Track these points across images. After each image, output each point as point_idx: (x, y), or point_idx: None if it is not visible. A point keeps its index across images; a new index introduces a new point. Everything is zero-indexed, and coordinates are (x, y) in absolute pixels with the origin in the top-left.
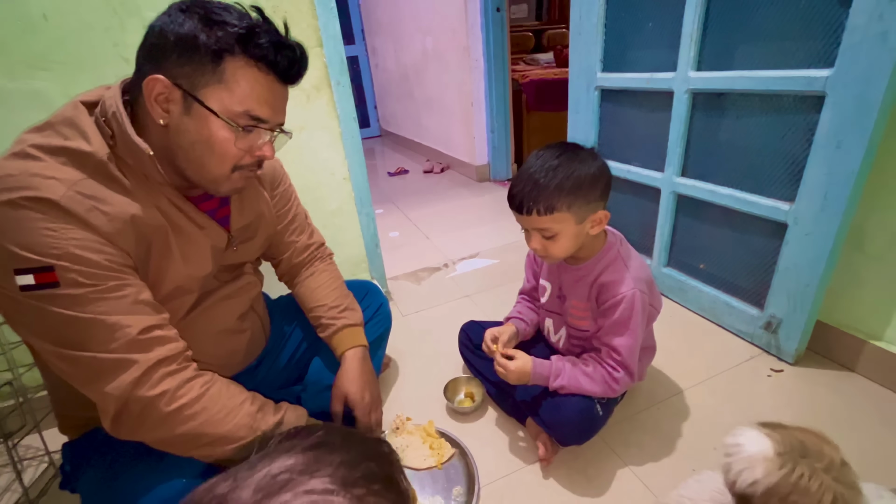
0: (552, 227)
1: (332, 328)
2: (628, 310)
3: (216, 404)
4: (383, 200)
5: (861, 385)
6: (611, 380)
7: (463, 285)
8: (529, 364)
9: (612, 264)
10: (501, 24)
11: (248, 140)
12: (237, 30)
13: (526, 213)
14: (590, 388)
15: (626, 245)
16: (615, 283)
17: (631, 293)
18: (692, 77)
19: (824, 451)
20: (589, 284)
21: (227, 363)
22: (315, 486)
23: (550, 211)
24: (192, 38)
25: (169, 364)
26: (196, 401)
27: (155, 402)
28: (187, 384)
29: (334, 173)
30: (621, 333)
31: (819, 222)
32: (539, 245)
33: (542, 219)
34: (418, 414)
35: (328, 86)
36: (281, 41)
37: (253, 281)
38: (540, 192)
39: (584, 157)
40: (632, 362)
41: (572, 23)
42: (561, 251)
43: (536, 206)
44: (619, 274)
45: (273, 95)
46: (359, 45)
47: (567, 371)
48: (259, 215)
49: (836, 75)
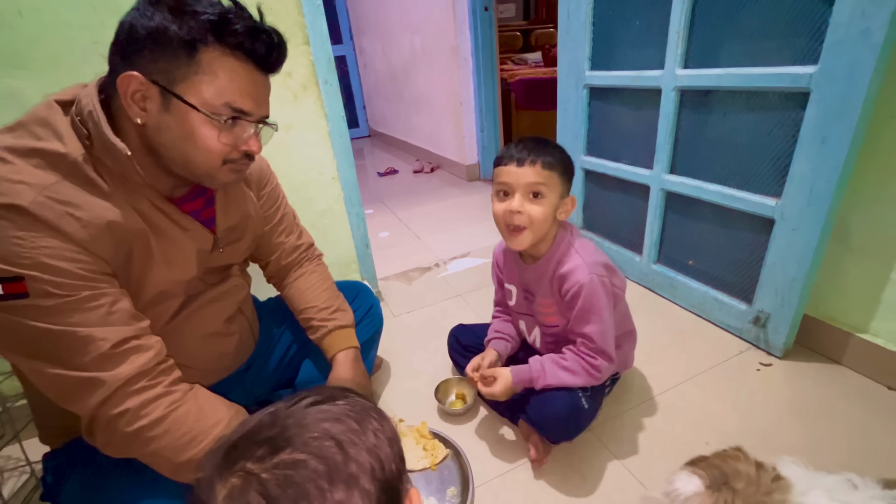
0: (545, 185)
1: (323, 330)
2: (590, 296)
3: (180, 427)
4: (373, 200)
5: (848, 377)
6: (591, 368)
7: (454, 285)
8: (510, 378)
9: (565, 255)
10: (490, 22)
11: (232, 134)
12: (208, 17)
13: (528, 165)
14: (573, 381)
15: (578, 234)
16: (571, 273)
17: (588, 279)
18: (679, 75)
19: (740, 469)
20: (549, 279)
21: (216, 367)
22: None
23: (550, 167)
24: (163, 30)
25: (139, 380)
26: (158, 423)
27: (115, 421)
28: (152, 403)
29: (323, 173)
30: (589, 320)
31: (805, 217)
32: (521, 206)
33: (542, 172)
34: (411, 415)
35: (315, 84)
36: (256, 27)
37: (240, 283)
38: (543, 149)
39: (564, 150)
40: (607, 346)
41: (560, 21)
42: (538, 220)
43: (541, 158)
44: (573, 263)
45: (254, 85)
46: (347, 45)
47: (547, 370)
48: (246, 216)
49: (820, 72)
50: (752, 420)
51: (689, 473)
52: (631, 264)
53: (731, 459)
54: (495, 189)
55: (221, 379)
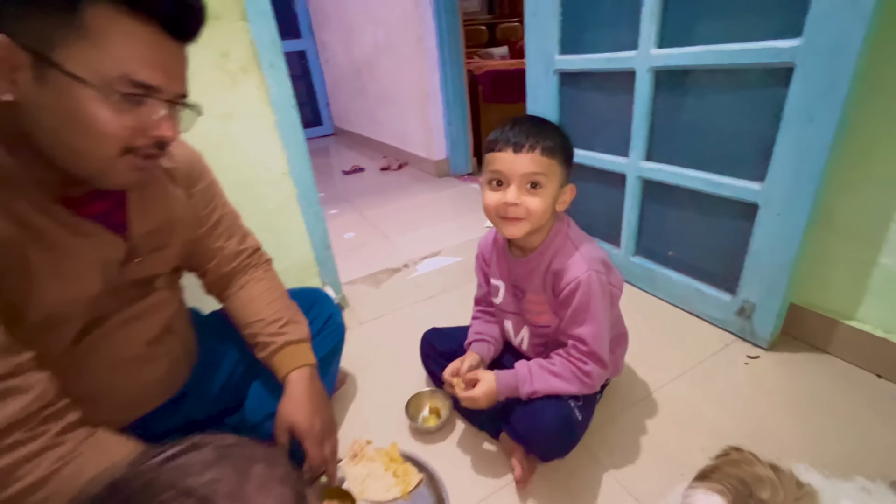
0: (545, 175)
1: (272, 347)
2: (586, 294)
3: (72, 487)
4: (338, 200)
5: (836, 367)
6: (582, 374)
7: (425, 286)
8: (493, 381)
9: (561, 249)
10: (454, 10)
11: (136, 115)
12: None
13: (526, 151)
14: (563, 387)
15: (574, 227)
16: (568, 268)
17: (586, 276)
18: (654, 54)
19: (760, 475)
20: (542, 274)
21: (138, 399)
22: None
23: (550, 154)
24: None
25: (12, 432)
26: (42, 484)
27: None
28: (31, 461)
29: (271, 168)
30: (583, 321)
31: (791, 201)
32: (518, 198)
33: (541, 160)
34: (380, 436)
35: (258, 67)
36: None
37: (167, 297)
38: (542, 132)
39: (564, 132)
40: (601, 350)
41: (527, 5)
42: (537, 213)
43: (540, 144)
44: (570, 258)
45: (161, 55)
46: (307, 39)
47: (535, 374)
48: (170, 219)
49: (805, 45)
50: (744, 418)
51: (705, 491)
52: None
53: (744, 465)
54: (487, 178)
55: (148, 412)
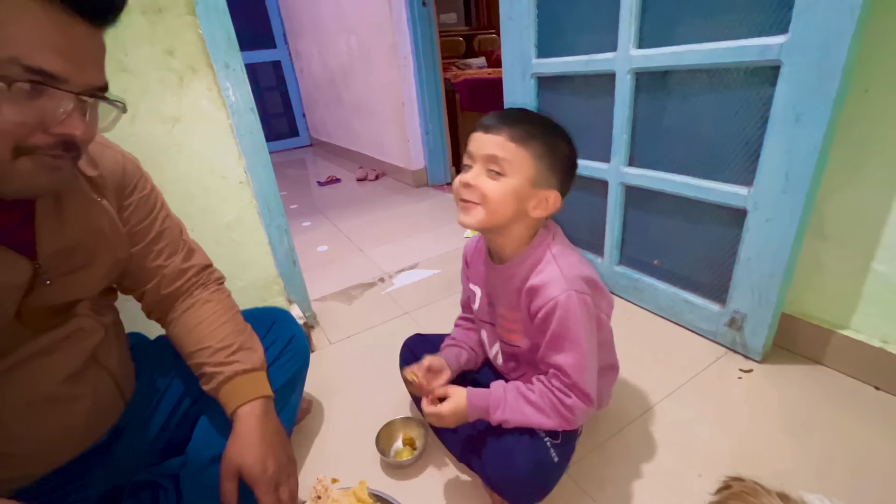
0: (509, 161)
1: (220, 378)
2: (564, 317)
3: None
4: (312, 212)
5: (833, 379)
6: (563, 408)
7: (401, 301)
8: (463, 400)
9: (540, 263)
10: (429, 18)
11: (31, 108)
12: None
13: (493, 133)
14: (539, 421)
15: (560, 238)
16: (544, 286)
17: (564, 296)
18: (634, 55)
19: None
20: (517, 289)
21: (54, 447)
22: None
23: (521, 142)
24: None
25: None
26: None
27: None
28: None
29: (226, 177)
30: (562, 348)
31: (780, 205)
32: (475, 179)
33: (508, 145)
34: (347, 473)
35: (208, 66)
36: None
37: (90, 325)
38: (522, 121)
39: (565, 135)
40: (585, 384)
41: (502, 7)
42: (496, 200)
43: (512, 128)
44: (548, 274)
45: (66, 38)
46: (281, 49)
47: (509, 401)
48: (95, 234)
49: (791, 42)
50: (742, 439)
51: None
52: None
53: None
54: (463, 161)
55: (69, 460)
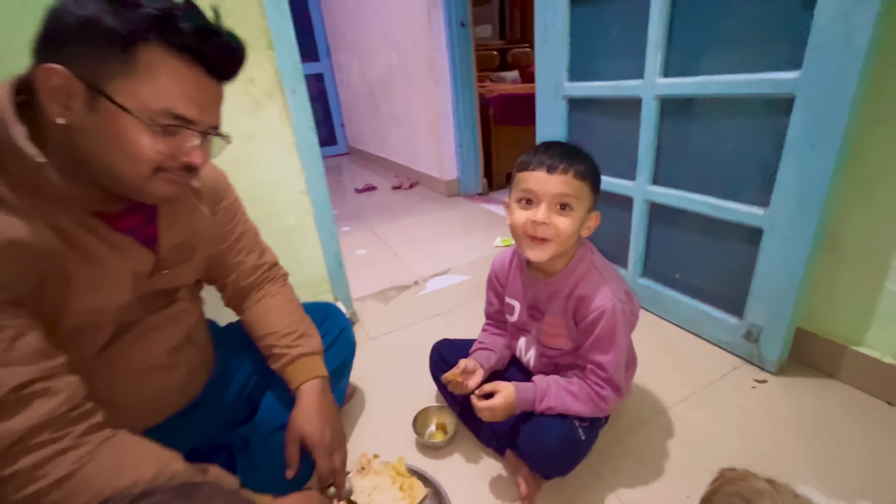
0: (576, 197)
1: (286, 358)
2: (611, 323)
3: (89, 487)
4: (350, 217)
5: (846, 393)
6: (598, 398)
7: (434, 303)
8: (513, 393)
9: (586, 275)
10: (466, 38)
11: (171, 143)
12: (151, 12)
13: (560, 173)
14: (577, 408)
15: (598, 254)
16: (593, 296)
17: (611, 305)
18: (660, 83)
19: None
20: (565, 298)
21: (157, 405)
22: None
23: (582, 178)
24: (96, 21)
25: (39, 433)
26: (59, 483)
27: (2, 485)
28: (53, 460)
29: (290, 187)
30: (606, 350)
31: (795, 226)
32: (548, 217)
33: (573, 183)
34: (387, 450)
35: (281, 93)
36: (207, 27)
37: (188, 308)
38: (577, 157)
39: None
40: (618, 378)
41: (537, 32)
42: (565, 234)
43: (574, 167)
44: (595, 286)
45: (200, 91)
46: (324, 62)
47: (552, 391)
48: (195, 233)
49: (804, 77)
50: (753, 443)
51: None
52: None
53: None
54: (517, 196)
55: (165, 419)
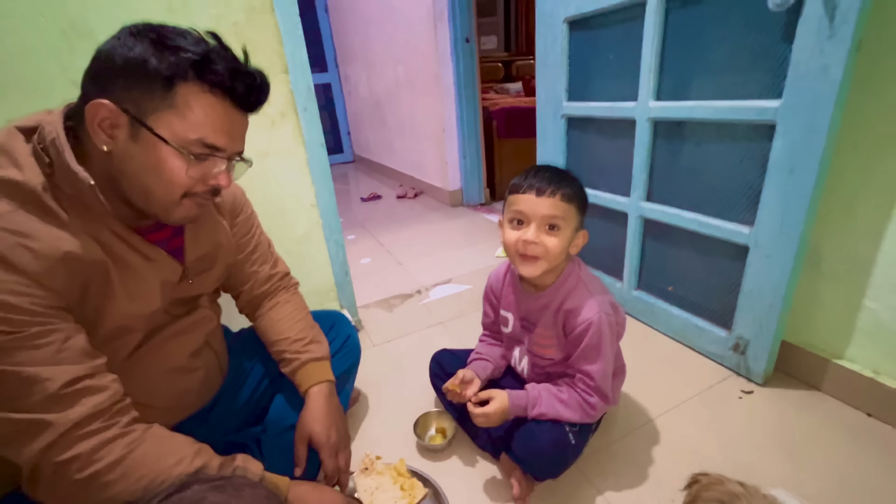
0: (563, 218)
1: (296, 363)
2: (597, 335)
3: (140, 468)
4: (355, 226)
5: (828, 404)
6: (587, 405)
7: (436, 312)
8: (506, 400)
9: (574, 290)
10: (471, 53)
11: (201, 168)
12: (191, 56)
13: (548, 196)
14: (567, 415)
15: (586, 269)
16: (580, 309)
17: (597, 318)
18: (652, 106)
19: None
20: (554, 311)
21: (178, 405)
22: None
23: (569, 200)
24: (142, 62)
25: (91, 422)
26: (115, 465)
27: (64, 468)
28: (107, 446)
29: (301, 200)
30: (593, 360)
31: (778, 245)
32: (537, 237)
33: (560, 205)
34: (389, 451)
35: (294, 112)
36: (238, 68)
37: (208, 315)
38: (564, 181)
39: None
40: (605, 386)
41: (538, 54)
42: (554, 252)
43: (561, 190)
44: (582, 299)
45: (230, 122)
46: (332, 73)
47: (544, 398)
48: (217, 245)
49: (784, 106)
50: (736, 451)
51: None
52: (611, 290)
53: (716, 485)
54: (509, 217)
55: (185, 418)
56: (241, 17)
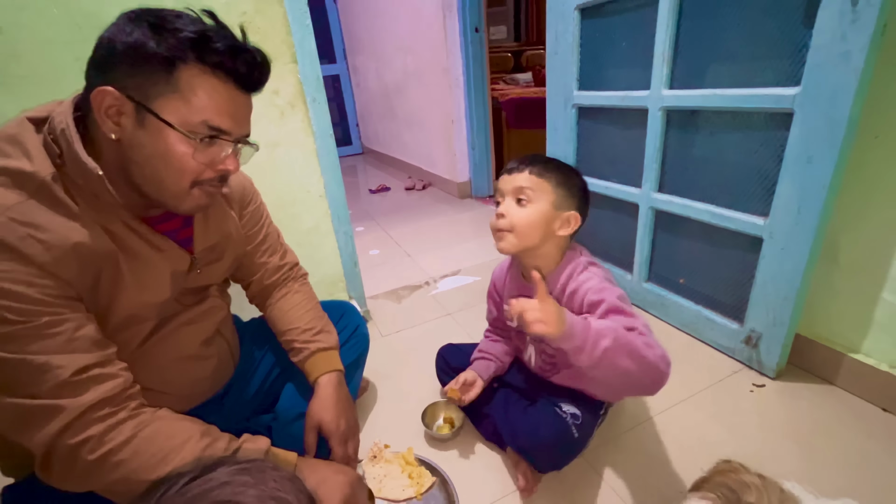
0: (533, 190)
1: (306, 352)
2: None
3: (150, 447)
4: (364, 218)
5: (842, 398)
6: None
7: (444, 303)
8: (565, 313)
9: (575, 271)
10: (480, 43)
11: (208, 153)
12: (188, 35)
13: (517, 172)
14: (646, 353)
15: (587, 255)
16: (582, 284)
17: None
18: (665, 95)
19: (746, 481)
20: (558, 297)
21: (191, 393)
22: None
23: (539, 174)
24: (142, 46)
25: (102, 407)
26: (124, 445)
27: (77, 450)
28: (117, 427)
29: (310, 191)
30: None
31: (793, 237)
32: (507, 210)
33: (529, 177)
34: (397, 440)
35: (303, 102)
36: (237, 46)
37: (219, 304)
38: (537, 160)
39: (577, 171)
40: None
41: (548, 43)
42: (524, 224)
43: (530, 166)
44: (584, 278)
45: (234, 105)
46: (340, 64)
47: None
48: (226, 235)
49: (803, 93)
50: (747, 444)
51: (699, 499)
52: (621, 282)
53: (731, 473)
54: (494, 200)
55: (197, 405)
56: (249, 7)
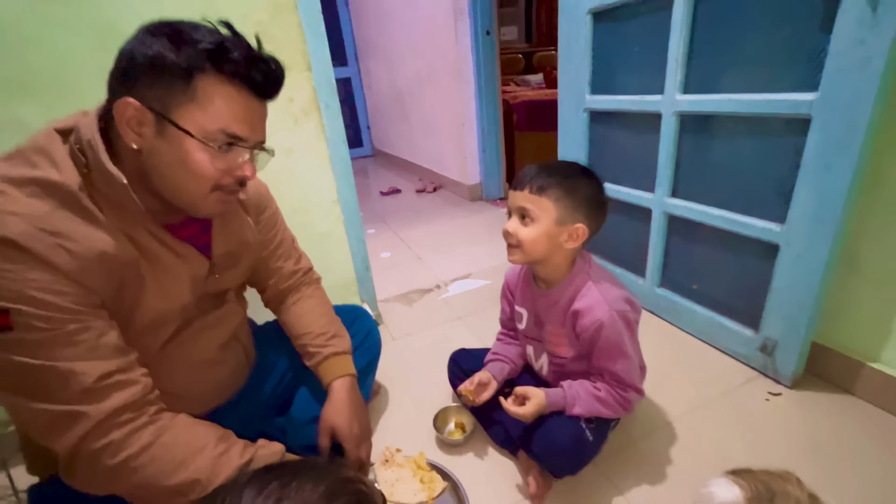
0: (534, 209)
1: (319, 356)
2: (612, 335)
3: (168, 453)
4: (375, 220)
5: (860, 409)
6: (623, 401)
7: (455, 307)
8: (543, 399)
9: (582, 289)
10: (491, 46)
11: (226, 159)
12: (206, 46)
13: (520, 189)
14: (604, 412)
15: (596, 266)
16: (589, 310)
17: (608, 318)
18: (679, 100)
19: (789, 491)
20: (563, 311)
21: (208, 396)
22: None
23: (540, 192)
24: (161, 57)
25: (123, 413)
26: (144, 450)
27: (99, 454)
28: (136, 433)
29: (323, 196)
30: (615, 359)
31: (810, 244)
32: (512, 228)
33: (530, 197)
34: (408, 445)
35: (317, 109)
36: (253, 55)
37: (236, 309)
38: (539, 175)
39: (589, 175)
40: (636, 381)
41: (560, 46)
42: (528, 242)
43: (530, 184)
44: (591, 299)
45: (250, 112)
46: (352, 67)
47: (582, 397)
48: (243, 241)
49: (821, 99)
50: (762, 454)
51: (729, 481)
52: (633, 288)
53: (780, 479)
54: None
55: (213, 408)
56: (265, 16)
